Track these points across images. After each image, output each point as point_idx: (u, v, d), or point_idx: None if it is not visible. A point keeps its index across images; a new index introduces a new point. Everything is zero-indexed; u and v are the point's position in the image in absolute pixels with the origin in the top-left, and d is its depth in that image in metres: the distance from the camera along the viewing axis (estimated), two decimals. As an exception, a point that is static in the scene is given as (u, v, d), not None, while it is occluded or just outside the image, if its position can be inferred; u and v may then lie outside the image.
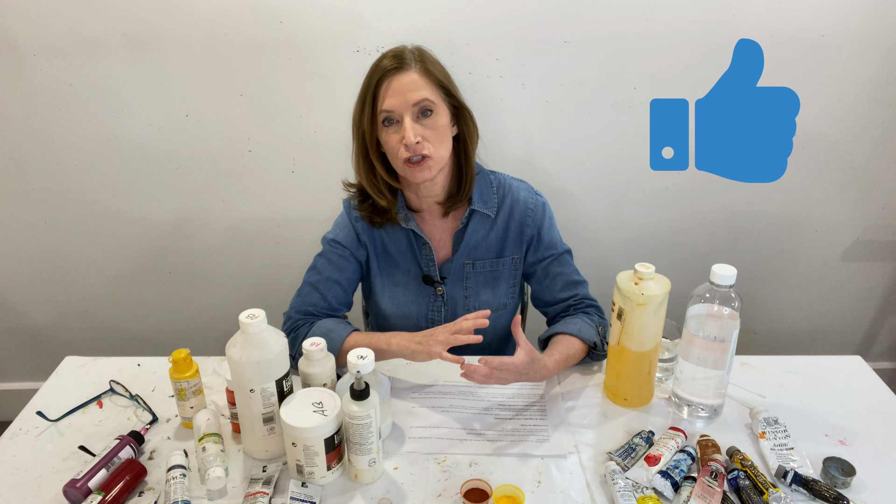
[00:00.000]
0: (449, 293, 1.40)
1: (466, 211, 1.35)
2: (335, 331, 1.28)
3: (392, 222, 1.36)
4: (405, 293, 1.40)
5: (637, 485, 1.02)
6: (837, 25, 1.71)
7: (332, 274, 1.36)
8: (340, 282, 1.37)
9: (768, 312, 2.18)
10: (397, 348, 1.23)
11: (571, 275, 1.40)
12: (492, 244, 1.39)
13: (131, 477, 1.03)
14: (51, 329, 2.16)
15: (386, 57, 1.22)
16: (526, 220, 1.37)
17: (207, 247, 2.01)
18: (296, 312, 1.35)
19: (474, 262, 1.39)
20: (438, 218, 1.38)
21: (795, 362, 1.34)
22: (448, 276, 1.39)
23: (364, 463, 1.03)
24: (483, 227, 1.38)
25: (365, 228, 1.37)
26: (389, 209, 1.33)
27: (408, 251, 1.39)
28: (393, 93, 1.20)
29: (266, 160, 1.85)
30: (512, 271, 1.41)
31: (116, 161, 1.85)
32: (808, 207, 1.99)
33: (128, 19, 1.66)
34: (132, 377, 1.31)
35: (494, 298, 1.41)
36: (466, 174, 1.34)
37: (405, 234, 1.37)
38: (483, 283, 1.41)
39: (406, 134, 1.19)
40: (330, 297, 1.35)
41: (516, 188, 1.39)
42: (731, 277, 1.08)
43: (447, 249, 1.39)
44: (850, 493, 1.01)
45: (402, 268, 1.40)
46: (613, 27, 1.70)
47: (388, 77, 1.20)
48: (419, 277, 1.40)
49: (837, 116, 1.84)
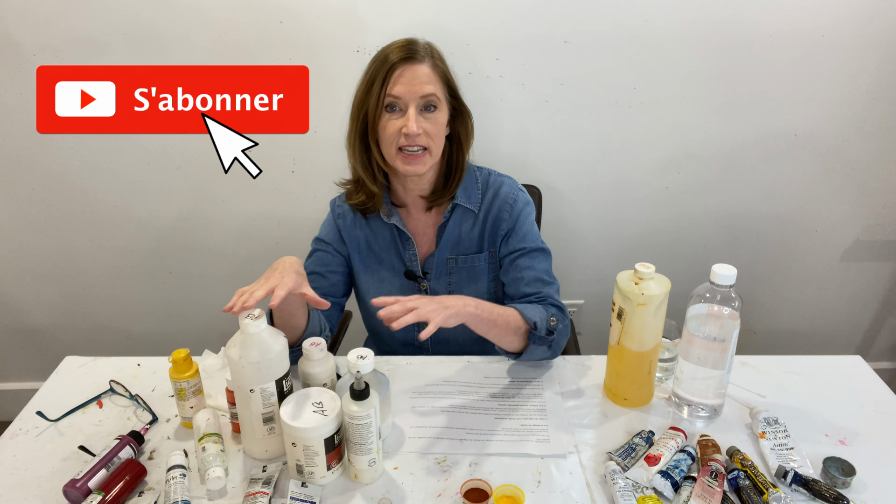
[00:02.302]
0: (432, 288, 1.41)
1: (450, 205, 1.36)
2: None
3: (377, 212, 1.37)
4: (390, 289, 1.41)
5: (637, 485, 1.02)
6: (837, 25, 1.71)
7: (316, 268, 1.39)
8: (324, 274, 1.39)
9: (768, 312, 2.18)
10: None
11: (541, 274, 1.35)
12: (474, 239, 1.39)
13: (131, 477, 1.03)
14: (51, 329, 2.16)
15: (397, 45, 1.23)
16: (503, 213, 1.37)
17: (207, 247, 2.01)
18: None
19: (457, 258, 1.39)
20: (422, 212, 1.39)
21: (795, 362, 1.34)
22: (431, 272, 1.40)
23: (364, 463, 1.03)
24: (466, 222, 1.38)
25: (346, 226, 1.39)
26: (377, 194, 1.34)
27: (391, 247, 1.40)
28: (405, 81, 1.21)
29: (266, 160, 1.85)
30: (489, 265, 1.41)
31: (116, 161, 1.85)
32: (808, 207, 1.99)
33: (128, 19, 1.66)
34: (132, 377, 1.31)
35: (476, 293, 1.40)
36: (456, 173, 1.35)
37: (389, 229, 1.39)
38: (466, 278, 1.41)
39: (409, 123, 1.20)
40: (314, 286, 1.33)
41: (499, 183, 1.39)
42: (731, 277, 1.08)
43: (430, 244, 1.40)
44: (850, 493, 1.01)
45: (386, 264, 1.41)
46: (613, 27, 1.70)
47: (401, 65, 1.21)
48: (402, 273, 1.40)
49: (837, 116, 1.84)
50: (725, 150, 1.88)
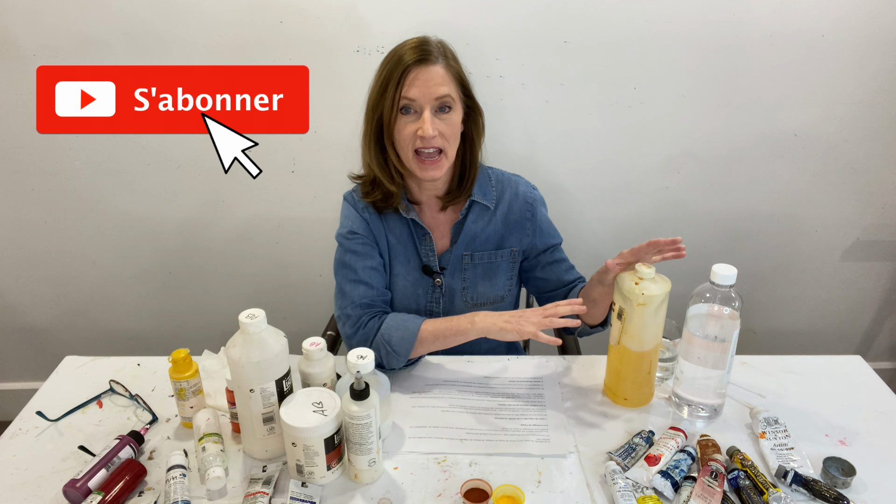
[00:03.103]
0: (447, 284, 1.41)
1: (466, 202, 1.36)
2: (410, 320, 1.28)
3: (395, 209, 1.36)
4: (404, 284, 1.40)
5: (637, 485, 1.02)
6: (837, 25, 1.71)
7: (366, 262, 1.34)
8: (376, 267, 1.36)
9: (768, 312, 2.18)
10: (482, 325, 1.23)
11: (569, 261, 1.45)
12: (490, 236, 1.39)
13: (131, 477, 1.03)
14: (51, 329, 2.16)
15: (410, 45, 1.22)
16: (526, 213, 1.39)
17: (207, 247, 2.01)
18: (354, 309, 1.31)
19: (472, 254, 1.39)
20: (437, 210, 1.39)
21: (795, 362, 1.34)
22: (447, 267, 1.40)
23: (364, 463, 1.03)
24: (482, 219, 1.38)
25: (373, 218, 1.37)
26: (396, 194, 1.33)
27: (408, 241, 1.39)
28: (420, 83, 1.20)
29: (266, 160, 1.85)
30: (510, 264, 1.42)
31: (116, 161, 1.85)
32: (808, 207, 1.99)
33: (128, 19, 1.66)
34: (132, 377, 1.31)
35: (492, 290, 1.41)
36: (470, 172, 1.35)
37: (405, 224, 1.38)
38: (481, 274, 1.41)
39: (424, 126, 1.20)
40: (375, 283, 1.34)
41: (515, 182, 1.41)
42: (731, 277, 1.08)
43: (446, 240, 1.40)
44: (850, 493, 1.01)
45: (402, 258, 1.40)
46: (613, 27, 1.70)
47: (415, 67, 1.20)
48: (418, 268, 1.40)
49: (837, 116, 1.84)
50: (725, 150, 1.88)
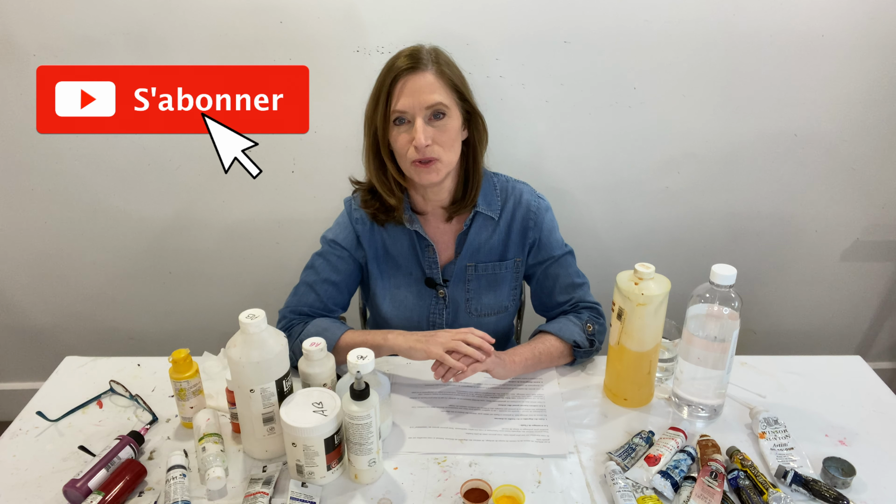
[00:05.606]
0: (451, 296, 1.40)
1: (471, 213, 1.35)
2: (330, 329, 1.28)
3: (396, 222, 1.35)
4: (407, 296, 1.40)
5: (637, 485, 1.02)
6: (837, 25, 1.71)
7: (329, 275, 1.36)
8: (337, 283, 1.37)
9: (768, 312, 2.18)
10: (394, 343, 1.23)
11: (571, 277, 1.40)
12: (494, 247, 1.38)
13: (131, 477, 1.03)
14: (51, 329, 2.16)
15: (402, 55, 1.22)
16: (528, 223, 1.38)
17: (207, 247, 2.01)
18: (290, 312, 1.35)
19: (476, 265, 1.39)
20: (442, 221, 1.38)
21: (795, 362, 1.34)
22: (450, 279, 1.39)
23: (364, 463, 1.03)
24: (486, 229, 1.37)
25: (365, 230, 1.37)
26: (397, 207, 1.33)
27: (410, 253, 1.38)
28: (407, 93, 1.19)
29: (266, 160, 1.85)
30: (514, 274, 1.41)
31: (116, 161, 1.85)
32: (808, 207, 1.99)
33: (128, 19, 1.66)
34: (132, 377, 1.31)
35: (496, 301, 1.41)
36: (474, 179, 1.33)
37: (408, 235, 1.37)
38: (485, 285, 1.40)
39: (417, 136, 1.19)
40: (325, 297, 1.35)
41: (519, 191, 1.39)
42: (731, 277, 1.08)
43: (450, 252, 1.39)
44: (850, 493, 1.01)
45: (404, 270, 1.39)
46: (613, 27, 1.70)
47: (403, 76, 1.19)
48: (421, 280, 1.39)
49: (837, 116, 1.84)
50: (725, 150, 1.88)
